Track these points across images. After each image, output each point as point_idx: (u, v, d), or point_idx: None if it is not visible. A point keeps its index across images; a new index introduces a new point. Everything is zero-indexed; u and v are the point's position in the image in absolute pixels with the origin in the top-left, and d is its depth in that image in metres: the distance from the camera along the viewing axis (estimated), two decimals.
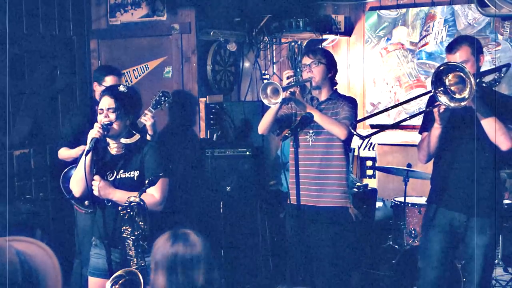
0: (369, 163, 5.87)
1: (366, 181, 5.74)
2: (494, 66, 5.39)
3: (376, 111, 5.64)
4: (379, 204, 5.46)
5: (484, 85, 3.25)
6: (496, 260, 4.76)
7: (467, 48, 3.21)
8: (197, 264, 1.99)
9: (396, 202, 4.93)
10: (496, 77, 3.25)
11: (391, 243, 4.93)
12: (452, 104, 2.98)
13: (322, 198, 3.60)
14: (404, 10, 5.72)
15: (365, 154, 5.88)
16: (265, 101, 3.37)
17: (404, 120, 3.69)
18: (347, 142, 3.61)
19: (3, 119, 4.49)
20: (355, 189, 5.04)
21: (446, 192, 3.38)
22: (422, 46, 5.63)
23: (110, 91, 3.24)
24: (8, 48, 4.50)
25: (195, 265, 1.99)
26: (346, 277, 3.76)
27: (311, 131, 3.61)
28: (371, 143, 5.85)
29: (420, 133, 3.52)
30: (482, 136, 3.18)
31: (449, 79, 2.99)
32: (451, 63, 3.05)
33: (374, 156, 5.84)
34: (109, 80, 4.18)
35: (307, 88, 3.68)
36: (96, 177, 3.10)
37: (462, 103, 2.95)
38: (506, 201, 4.58)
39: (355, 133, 3.28)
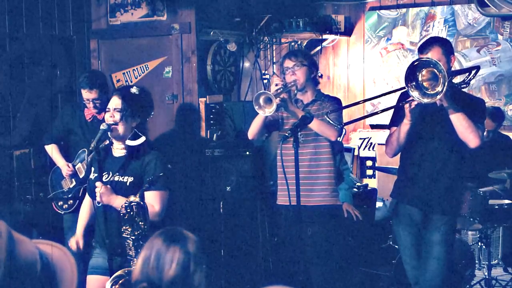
0: (369, 163, 5.87)
1: (366, 181, 5.74)
2: (494, 66, 5.40)
3: (376, 111, 5.64)
4: (379, 204, 5.46)
5: (454, 85, 3.31)
6: (496, 260, 4.76)
7: (439, 49, 3.27)
8: (169, 261, 1.99)
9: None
10: (465, 79, 3.30)
11: (391, 243, 4.93)
12: (424, 100, 3.04)
13: (311, 197, 3.65)
14: (404, 10, 5.72)
15: (365, 154, 5.88)
16: (260, 112, 3.43)
17: (376, 113, 3.73)
18: (335, 141, 3.69)
19: (4, 119, 4.50)
20: (355, 189, 5.04)
21: (407, 187, 3.46)
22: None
23: (121, 91, 3.26)
24: (8, 48, 4.50)
25: (166, 261, 1.99)
26: (341, 273, 3.79)
27: (299, 133, 3.64)
28: (371, 143, 5.85)
29: (389, 127, 3.58)
30: (447, 135, 3.25)
31: (422, 75, 3.06)
32: (425, 58, 3.11)
33: (374, 156, 5.84)
34: (84, 93, 4.17)
35: (294, 92, 3.73)
36: (98, 184, 3.08)
37: (436, 98, 3.01)
38: (506, 201, 4.58)
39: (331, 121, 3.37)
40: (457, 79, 3.44)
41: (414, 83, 3.06)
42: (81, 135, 4.25)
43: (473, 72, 3.32)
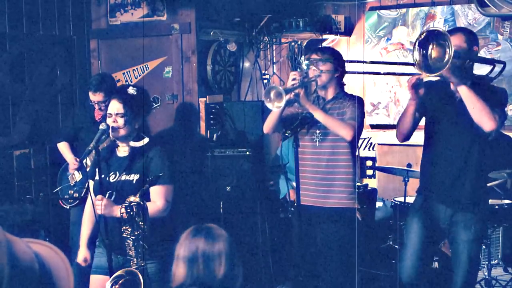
0: (369, 163, 5.87)
1: (366, 181, 5.74)
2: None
3: (376, 111, 5.64)
4: (379, 204, 5.46)
5: (475, 77, 3.24)
6: (496, 260, 4.75)
7: (462, 36, 3.20)
8: (218, 257, 2.02)
9: (396, 202, 4.94)
10: (488, 73, 3.23)
11: (391, 243, 4.93)
12: (424, 72, 2.95)
13: (328, 199, 3.57)
14: (404, 10, 5.72)
15: (365, 154, 5.88)
16: (269, 105, 3.32)
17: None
18: (353, 142, 3.56)
19: (4, 119, 4.50)
20: None
21: (434, 184, 3.38)
22: None
23: (119, 94, 3.25)
24: (8, 48, 4.50)
25: (215, 258, 2.01)
26: (351, 277, 3.74)
27: (318, 132, 3.57)
28: (371, 143, 5.85)
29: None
30: (471, 129, 3.17)
31: (433, 48, 2.98)
32: (435, 29, 3.03)
33: (374, 156, 5.85)
34: (90, 95, 4.23)
35: (314, 88, 3.64)
36: (99, 197, 3.08)
37: (438, 72, 2.91)
38: (506, 201, 4.58)
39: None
40: (480, 72, 3.36)
41: (423, 51, 2.97)
42: (90, 134, 4.28)
43: (497, 66, 3.20)
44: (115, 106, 3.17)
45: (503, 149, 4.89)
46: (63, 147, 4.45)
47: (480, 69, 3.60)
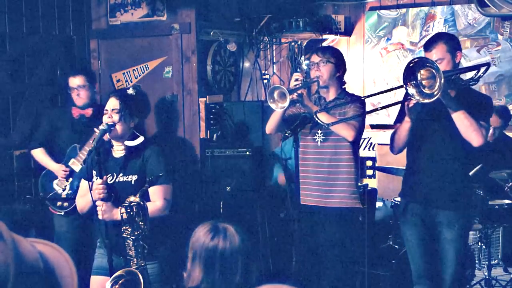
0: (369, 163, 5.87)
1: (366, 181, 5.74)
2: (494, 66, 5.39)
3: (376, 111, 5.63)
4: (379, 204, 5.46)
5: (461, 83, 3.26)
6: (496, 260, 4.76)
7: (443, 46, 3.23)
8: (235, 259, 2.03)
9: (396, 202, 4.93)
10: (474, 76, 3.25)
11: (391, 243, 4.93)
12: (421, 99, 2.98)
13: (331, 198, 3.58)
14: (404, 10, 5.72)
15: (365, 154, 5.88)
16: (273, 106, 3.33)
17: (375, 110, 3.65)
18: (356, 143, 3.58)
19: (4, 119, 4.50)
20: None
21: (416, 186, 3.41)
22: (422, 46, 5.62)
23: (118, 92, 3.28)
24: (8, 48, 4.50)
25: (233, 259, 2.02)
26: (353, 277, 3.74)
27: (319, 132, 3.58)
28: (371, 143, 5.85)
29: (394, 124, 3.54)
30: (452, 132, 3.20)
31: (421, 74, 3.00)
32: (421, 58, 3.07)
33: (374, 156, 5.84)
34: (70, 81, 4.27)
35: (315, 89, 3.65)
36: (99, 202, 3.08)
37: (432, 98, 2.94)
38: (506, 201, 4.58)
39: (319, 121, 3.30)
40: (466, 75, 3.39)
41: (413, 82, 3.03)
42: (69, 133, 4.25)
43: (483, 69, 3.22)
44: (112, 103, 3.19)
45: (506, 151, 4.88)
46: (40, 154, 4.27)
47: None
